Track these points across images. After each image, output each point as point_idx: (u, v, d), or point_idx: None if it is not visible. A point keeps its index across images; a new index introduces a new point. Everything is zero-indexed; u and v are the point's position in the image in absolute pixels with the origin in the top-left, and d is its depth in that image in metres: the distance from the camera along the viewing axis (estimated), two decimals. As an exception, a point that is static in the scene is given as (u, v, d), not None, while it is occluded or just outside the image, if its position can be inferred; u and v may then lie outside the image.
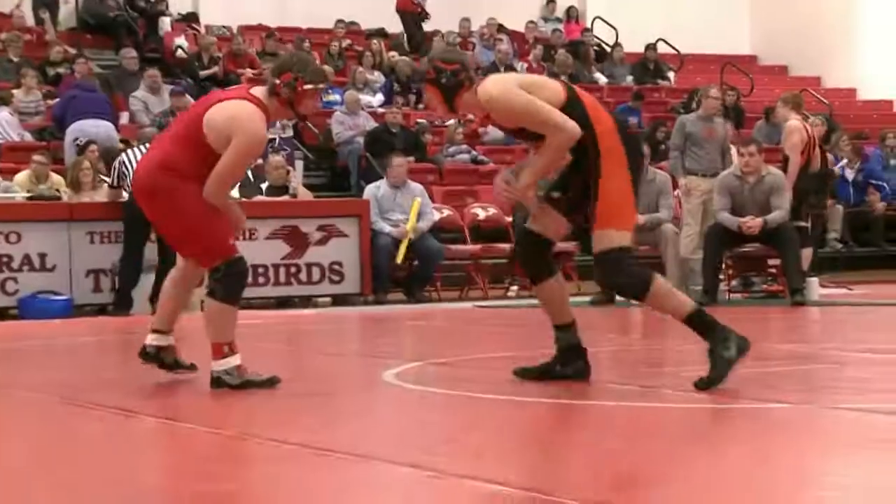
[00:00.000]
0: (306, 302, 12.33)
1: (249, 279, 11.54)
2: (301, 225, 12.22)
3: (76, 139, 13.31)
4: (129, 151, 11.27)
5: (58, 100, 14.54)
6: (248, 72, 17.01)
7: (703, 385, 5.15)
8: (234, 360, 5.60)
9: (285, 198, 12.77)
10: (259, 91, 5.64)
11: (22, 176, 12.27)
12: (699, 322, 5.28)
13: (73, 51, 16.43)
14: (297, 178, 13.68)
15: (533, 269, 5.63)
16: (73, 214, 11.19)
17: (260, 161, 13.97)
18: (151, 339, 5.89)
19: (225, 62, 17.12)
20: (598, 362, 5.82)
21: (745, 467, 3.67)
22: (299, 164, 14.77)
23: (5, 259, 11.02)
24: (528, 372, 5.64)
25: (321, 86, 5.75)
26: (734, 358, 5.19)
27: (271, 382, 5.62)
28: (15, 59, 15.74)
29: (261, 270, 11.84)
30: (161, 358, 5.91)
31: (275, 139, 14.62)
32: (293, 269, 12.13)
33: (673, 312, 5.32)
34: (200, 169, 5.49)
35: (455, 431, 4.59)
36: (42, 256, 11.10)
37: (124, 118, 15.03)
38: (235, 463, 4.04)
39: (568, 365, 5.59)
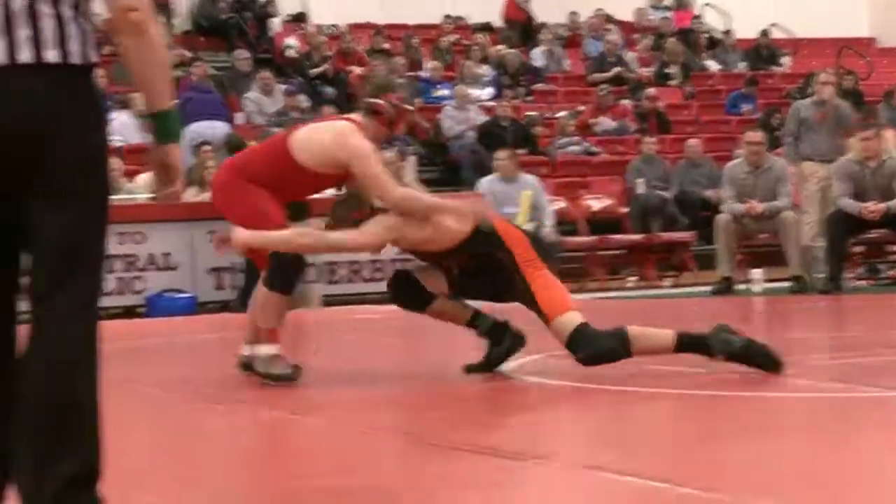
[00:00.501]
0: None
1: (367, 273, 11.84)
2: (415, 220, 12.24)
3: (193, 140, 13.51)
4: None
5: (175, 102, 14.74)
6: (357, 69, 17.11)
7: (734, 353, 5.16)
8: (270, 350, 5.63)
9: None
10: (354, 116, 5.78)
11: (144, 177, 12.49)
12: (689, 341, 5.28)
13: (188, 54, 16.67)
14: (410, 173, 13.71)
15: (411, 306, 5.78)
16: (195, 214, 11.35)
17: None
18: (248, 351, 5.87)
19: (335, 60, 17.24)
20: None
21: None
22: (412, 159, 14.81)
23: (131, 259, 11.25)
24: (476, 367, 5.76)
25: (412, 108, 5.92)
26: (737, 342, 5.19)
27: (292, 377, 5.62)
28: (133, 64, 16.00)
29: (378, 265, 11.90)
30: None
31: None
32: (406, 264, 12.15)
33: (660, 349, 5.32)
34: (271, 178, 5.57)
35: (581, 424, 4.54)
36: (166, 255, 11.33)
37: (239, 118, 15.21)
38: (365, 458, 4.04)
39: (500, 343, 5.74)
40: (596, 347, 5.29)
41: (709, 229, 12.50)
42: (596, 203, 14.49)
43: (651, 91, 17.47)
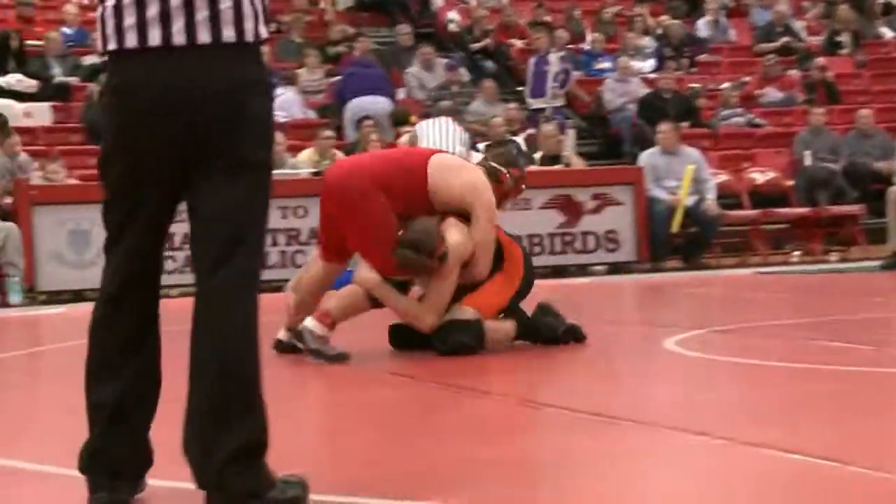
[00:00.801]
0: (582, 270, 12.30)
1: (525, 248, 11.80)
2: (575, 194, 12.18)
3: (356, 115, 13.66)
4: (425, 123, 11.41)
5: (338, 77, 14.95)
6: (518, 42, 17.05)
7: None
8: (323, 331, 5.70)
9: (558, 167, 12.75)
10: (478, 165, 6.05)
11: (307, 153, 12.68)
12: (525, 325, 5.85)
13: (351, 29, 16.85)
14: (569, 146, 13.64)
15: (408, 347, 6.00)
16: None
17: (532, 131, 14.05)
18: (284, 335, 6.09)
19: (495, 34, 17.22)
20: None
21: None
22: (571, 132, 14.71)
23: (293, 233, 11.44)
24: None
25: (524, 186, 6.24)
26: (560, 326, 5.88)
27: (338, 358, 5.70)
28: (298, 40, 16.27)
29: (535, 240, 11.88)
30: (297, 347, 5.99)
31: (544, 109, 14.63)
32: (568, 238, 12.12)
33: (507, 339, 5.84)
34: (402, 195, 5.68)
35: (744, 399, 4.46)
36: (326, 230, 11.46)
37: (401, 93, 15.33)
38: (523, 430, 4.04)
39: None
40: (452, 343, 5.64)
41: (880, 202, 12.14)
42: (759, 176, 14.20)
43: (820, 60, 17.02)
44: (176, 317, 3.31)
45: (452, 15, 17.80)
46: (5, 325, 9.42)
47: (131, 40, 2.77)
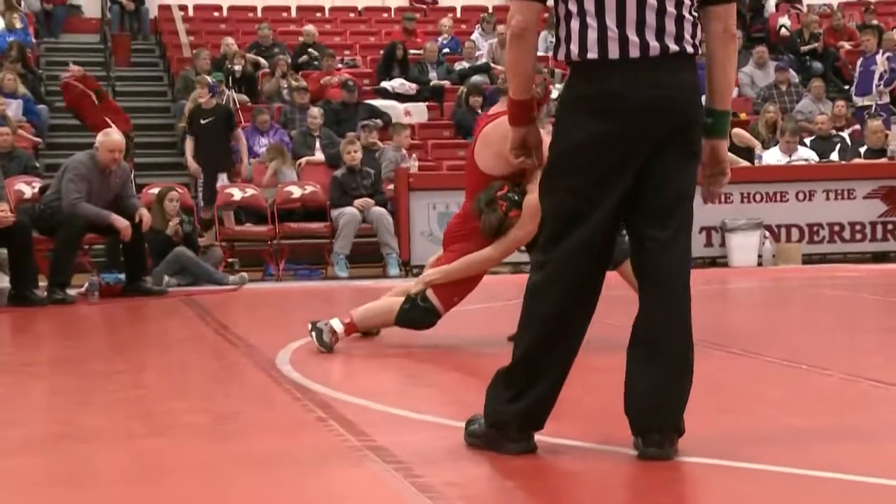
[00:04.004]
0: (904, 257, 11.73)
1: (847, 235, 11.42)
2: (898, 185, 11.63)
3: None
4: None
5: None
6: (846, 44, 16.36)
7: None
8: (340, 327, 5.43)
9: (882, 160, 12.20)
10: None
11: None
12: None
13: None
14: (894, 141, 13.01)
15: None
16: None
17: (857, 127, 13.49)
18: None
19: (825, 37, 16.59)
20: None
21: None
22: (895, 128, 14.00)
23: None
24: None
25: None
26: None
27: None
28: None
29: (857, 227, 11.46)
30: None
31: (870, 106, 14.03)
32: (890, 227, 11.60)
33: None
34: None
35: None
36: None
37: (733, 92, 15.00)
38: (850, 403, 3.98)
39: None
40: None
41: None
42: None
43: None
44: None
45: (784, 20, 17.30)
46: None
47: None
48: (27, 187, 10.24)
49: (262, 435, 3.59)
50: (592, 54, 3.00)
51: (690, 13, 3.06)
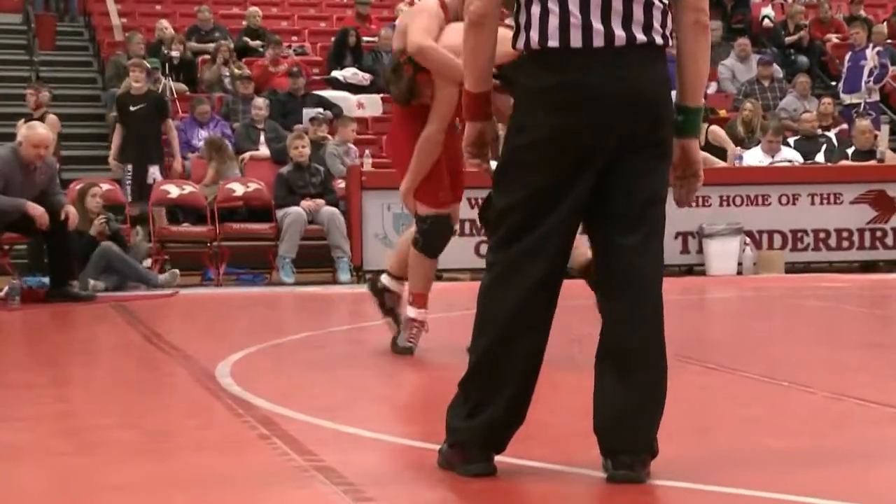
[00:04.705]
0: (892, 266, 11.86)
1: (833, 242, 11.53)
2: (888, 189, 11.76)
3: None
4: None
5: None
6: (833, 37, 16.54)
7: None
8: (410, 312, 5.55)
9: (871, 162, 12.34)
10: None
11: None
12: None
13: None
14: (883, 142, 13.15)
15: None
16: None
17: (845, 126, 13.63)
18: (385, 279, 5.86)
19: (811, 29, 16.77)
20: None
21: None
22: (885, 128, 14.17)
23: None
24: None
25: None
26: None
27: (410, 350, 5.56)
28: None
29: (844, 234, 11.57)
30: (384, 297, 5.83)
31: (859, 104, 14.16)
32: (879, 234, 11.72)
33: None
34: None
35: None
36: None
37: (712, 87, 15.15)
38: (833, 422, 4.02)
39: None
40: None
41: None
42: None
43: None
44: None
45: (767, 11, 17.45)
46: (336, 300, 9.95)
47: None
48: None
49: (200, 454, 3.58)
50: (553, 42, 3.00)
51: (660, 1, 3.05)
